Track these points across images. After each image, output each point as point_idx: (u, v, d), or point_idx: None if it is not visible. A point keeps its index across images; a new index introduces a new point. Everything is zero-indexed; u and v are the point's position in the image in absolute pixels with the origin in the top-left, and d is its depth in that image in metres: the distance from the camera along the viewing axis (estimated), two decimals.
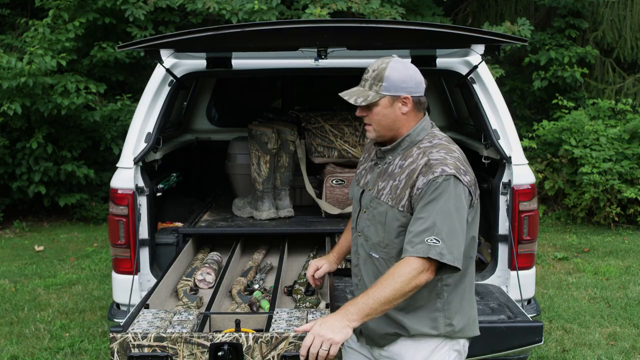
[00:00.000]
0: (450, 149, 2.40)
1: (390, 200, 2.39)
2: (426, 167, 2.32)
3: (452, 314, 2.42)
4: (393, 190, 2.39)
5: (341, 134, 4.56)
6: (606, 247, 7.41)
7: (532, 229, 3.70)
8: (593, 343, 4.82)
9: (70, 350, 4.75)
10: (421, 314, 2.40)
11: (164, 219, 4.22)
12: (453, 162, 2.33)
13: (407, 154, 2.42)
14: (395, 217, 2.37)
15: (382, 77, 2.38)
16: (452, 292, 2.41)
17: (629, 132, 8.32)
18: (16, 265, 6.99)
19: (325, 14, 7.55)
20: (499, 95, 3.90)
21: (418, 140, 2.43)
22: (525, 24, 8.46)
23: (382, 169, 2.49)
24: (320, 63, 3.84)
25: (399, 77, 2.39)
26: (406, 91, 2.40)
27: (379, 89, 2.39)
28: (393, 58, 2.43)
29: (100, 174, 9.01)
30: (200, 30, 3.14)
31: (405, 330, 2.41)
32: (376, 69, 2.41)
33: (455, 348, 2.45)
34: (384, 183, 2.44)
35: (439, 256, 2.23)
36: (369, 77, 2.42)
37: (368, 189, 2.51)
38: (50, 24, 8.12)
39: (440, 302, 2.40)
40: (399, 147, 2.45)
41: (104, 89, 8.50)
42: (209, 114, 5.81)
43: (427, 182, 2.29)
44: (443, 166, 2.30)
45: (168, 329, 2.49)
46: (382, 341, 2.48)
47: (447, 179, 2.28)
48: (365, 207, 2.51)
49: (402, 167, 2.41)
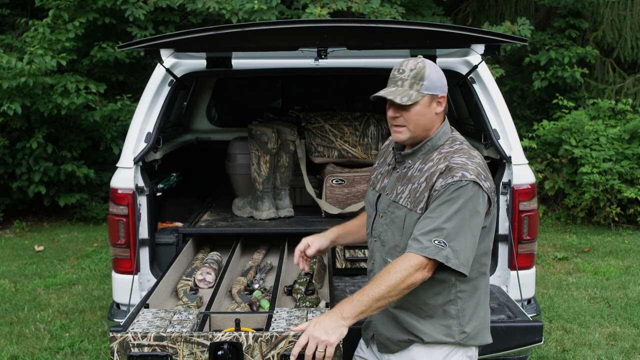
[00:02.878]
0: (471, 154, 2.38)
1: (409, 204, 2.37)
2: (446, 170, 2.31)
3: (465, 321, 2.40)
4: (412, 194, 2.37)
5: (341, 133, 4.56)
6: (606, 247, 7.41)
7: (532, 228, 3.70)
8: (593, 343, 4.82)
9: (70, 350, 4.75)
10: (435, 321, 2.39)
11: (164, 219, 4.22)
12: (474, 167, 2.32)
13: (427, 158, 2.41)
14: (414, 221, 2.35)
15: (423, 76, 2.37)
16: (467, 299, 2.40)
17: (629, 132, 8.32)
18: (16, 265, 6.99)
19: (325, 13, 7.55)
20: (499, 95, 3.90)
21: (439, 144, 2.42)
22: (525, 23, 8.46)
23: (400, 173, 2.47)
24: (320, 63, 3.84)
25: (438, 76, 2.40)
26: (442, 90, 2.41)
27: (420, 88, 2.37)
28: (422, 58, 2.43)
29: (100, 174, 9.02)
30: (200, 30, 3.14)
31: (419, 337, 2.39)
32: (414, 68, 2.38)
33: (468, 354, 2.44)
34: (403, 187, 2.42)
35: (444, 259, 2.22)
36: (407, 77, 2.38)
37: (386, 193, 2.49)
38: (50, 24, 8.12)
39: (454, 309, 2.38)
40: (420, 152, 2.43)
41: (104, 89, 8.50)
42: (209, 114, 5.81)
43: (445, 185, 2.28)
44: (464, 171, 2.28)
45: (168, 328, 2.49)
46: (395, 347, 2.47)
47: (466, 184, 2.27)
48: (383, 211, 2.48)
49: (421, 171, 2.39)
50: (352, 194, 4.34)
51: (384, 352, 2.52)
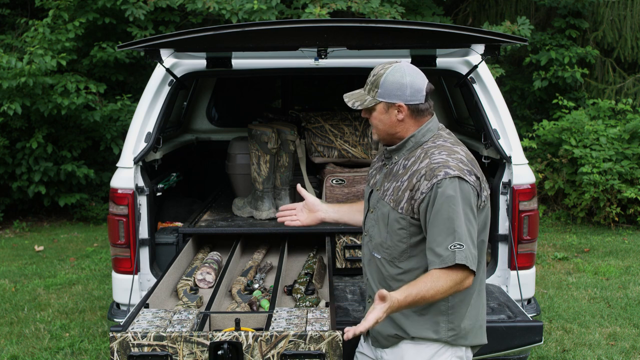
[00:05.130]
0: (452, 150, 2.38)
1: (392, 202, 2.40)
2: (428, 171, 2.31)
3: (456, 318, 2.40)
4: (395, 192, 2.40)
5: (341, 133, 4.56)
6: (606, 247, 7.41)
7: (532, 228, 3.70)
8: (593, 343, 4.82)
9: (70, 350, 4.75)
10: (425, 317, 2.39)
11: (164, 218, 4.23)
12: (455, 163, 2.32)
13: (410, 155, 2.43)
14: (396, 219, 2.38)
15: (378, 84, 2.41)
16: (458, 296, 2.39)
17: (629, 132, 8.32)
18: (16, 265, 6.99)
19: (325, 13, 7.55)
20: (499, 95, 3.90)
21: (423, 141, 2.44)
22: (525, 23, 8.46)
23: (388, 169, 2.50)
24: (320, 63, 3.84)
25: (394, 85, 2.39)
26: (400, 99, 2.39)
27: (375, 95, 2.42)
28: (396, 64, 2.43)
29: (100, 174, 9.02)
30: (200, 30, 3.14)
31: (406, 332, 2.40)
32: (375, 74, 2.43)
33: (458, 355, 2.43)
34: (389, 184, 2.45)
35: (464, 260, 2.23)
36: (369, 82, 2.45)
37: (376, 189, 2.53)
38: (50, 24, 8.12)
39: (444, 306, 2.38)
40: (404, 148, 2.46)
41: (104, 89, 8.50)
42: (209, 114, 5.81)
43: (430, 187, 2.28)
44: (445, 169, 2.29)
45: (168, 328, 2.49)
46: (385, 342, 2.48)
47: (451, 181, 2.27)
48: (373, 207, 2.52)
49: (405, 168, 2.41)
50: (352, 193, 4.34)
51: (376, 346, 2.54)
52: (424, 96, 2.42)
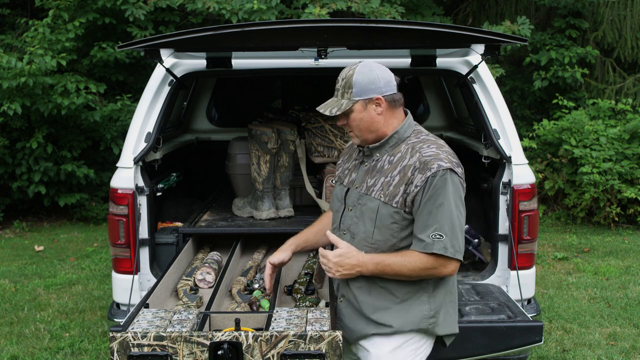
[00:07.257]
0: (439, 143, 2.49)
1: (382, 197, 2.45)
2: (422, 164, 2.38)
3: (435, 307, 2.48)
4: (385, 187, 2.45)
5: (341, 133, 4.56)
6: (606, 247, 7.41)
7: (532, 228, 3.71)
8: (593, 343, 4.82)
9: (70, 350, 4.75)
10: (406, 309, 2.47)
11: (164, 218, 4.23)
12: (446, 156, 2.41)
13: (395, 151, 2.49)
14: (389, 214, 2.43)
15: (351, 84, 2.45)
16: (436, 284, 2.48)
17: (629, 132, 8.32)
18: (16, 265, 6.99)
19: (324, 13, 7.55)
20: (499, 95, 3.90)
21: (405, 137, 2.51)
22: (525, 23, 8.46)
23: (369, 166, 2.55)
24: (320, 63, 3.84)
25: (367, 80, 2.44)
26: (376, 92, 2.45)
27: (350, 96, 2.46)
28: (360, 63, 2.49)
29: (100, 174, 9.02)
30: (200, 30, 3.14)
31: (385, 327, 2.48)
32: (344, 77, 2.48)
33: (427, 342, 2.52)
34: (374, 180, 2.50)
35: (442, 250, 2.33)
36: (339, 87, 2.50)
37: (355, 187, 2.57)
38: (50, 24, 8.12)
39: (426, 295, 2.47)
40: (387, 144, 2.51)
41: (104, 89, 8.50)
42: (209, 114, 5.81)
43: (425, 179, 2.36)
44: (438, 161, 2.37)
45: (168, 328, 2.49)
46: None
47: (444, 174, 2.36)
48: (352, 204, 2.56)
49: (391, 163, 2.47)
50: None
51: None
52: (395, 86, 2.50)
